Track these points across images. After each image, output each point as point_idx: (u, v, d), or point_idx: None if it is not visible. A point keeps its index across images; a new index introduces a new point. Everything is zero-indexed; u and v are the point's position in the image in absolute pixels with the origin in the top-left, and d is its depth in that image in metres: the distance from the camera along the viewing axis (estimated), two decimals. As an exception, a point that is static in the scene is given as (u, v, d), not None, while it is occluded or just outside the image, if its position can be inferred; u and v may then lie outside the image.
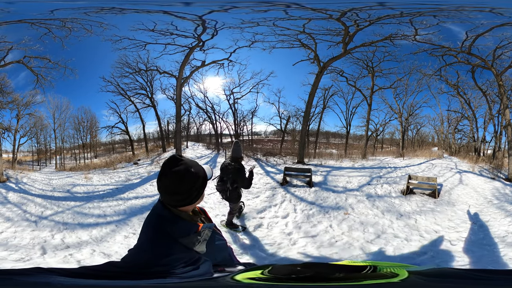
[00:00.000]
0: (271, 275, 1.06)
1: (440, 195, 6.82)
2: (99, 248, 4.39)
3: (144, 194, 7.10)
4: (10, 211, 5.85)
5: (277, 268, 1.14)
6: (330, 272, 1.10)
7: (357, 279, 1.01)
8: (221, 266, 1.41)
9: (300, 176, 7.85)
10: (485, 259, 4.00)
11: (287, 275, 1.06)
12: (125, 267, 1.14)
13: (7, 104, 8.69)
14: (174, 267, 1.11)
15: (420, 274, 1.04)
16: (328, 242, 4.61)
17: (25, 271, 1.01)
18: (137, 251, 1.22)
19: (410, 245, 4.50)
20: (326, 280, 1.00)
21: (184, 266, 1.13)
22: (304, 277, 1.01)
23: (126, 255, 1.22)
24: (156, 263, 1.12)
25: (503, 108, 8.33)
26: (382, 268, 1.10)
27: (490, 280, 1.05)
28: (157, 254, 1.14)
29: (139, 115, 10.76)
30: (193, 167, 1.28)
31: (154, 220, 1.27)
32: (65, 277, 0.99)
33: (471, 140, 10.35)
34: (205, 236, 1.29)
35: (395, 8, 6.88)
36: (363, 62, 10.15)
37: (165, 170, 1.24)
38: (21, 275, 0.99)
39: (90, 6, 6.78)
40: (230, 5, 6.44)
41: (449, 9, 6.79)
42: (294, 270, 1.07)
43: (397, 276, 1.00)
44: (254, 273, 1.10)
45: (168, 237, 1.19)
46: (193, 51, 9.13)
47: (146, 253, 1.17)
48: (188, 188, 1.25)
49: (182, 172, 1.23)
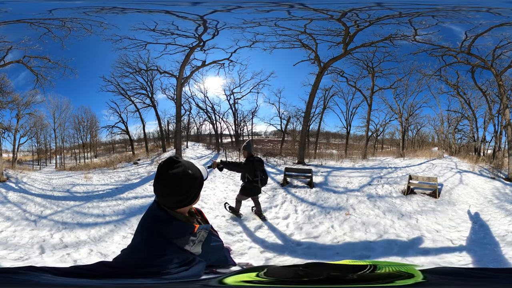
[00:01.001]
0: (266, 277, 1.05)
1: (441, 195, 6.82)
2: (96, 248, 4.39)
3: (144, 194, 7.09)
4: (10, 210, 5.83)
5: (273, 269, 1.14)
6: (327, 272, 1.09)
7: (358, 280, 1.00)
8: (215, 267, 1.40)
9: (301, 176, 7.83)
10: (486, 258, 4.01)
11: (283, 277, 1.06)
12: (116, 267, 1.13)
13: (7, 103, 8.68)
14: (166, 268, 1.10)
15: (423, 273, 1.04)
16: (331, 243, 4.59)
17: (18, 270, 1.02)
18: (131, 251, 1.22)
19: (412, 244, 4.49)
20: (325, 281, 0.99)
21: (176, 267, 1.13)
22: (300, 279, 1.00)
23: (119, 255, 1.22)
24: (150, 263, 1.11)
25: (503, 108, 8.34)
26: (383, 267, 1.09)
27: (492, 278, 1.06)
28: (151, 254, 1.14)
29: (139, 115, 10.76)
30: (191, 169, 1.28)
31: (150, 221, 1.27)
32: (56, 276, 0.99)
33: (471, 140, 10.36)
34: (201, 237, 1.29)
35: (394, 9, 6.92)
36: (363, 62, 10.17)
37: (163, 172, 1.23)
38: (14, 274, 1.00)
39: (90, 6, 6.78)
40: (235, 5, 6.45)
41: (445, 9, 6.82)
42: (290, 272, 1.07)
43: (400, 275, 0.99)
44: (248, 275, 1.09)
45: (163, 238, 1.18)
46: (193, 51, 9.13)
47: (139, 253, 1.17)
48: (186, 190, 1.25)
49: (180, 175, 1.23)
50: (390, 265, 1.13)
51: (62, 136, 10.14)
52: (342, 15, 7.33)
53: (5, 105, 8.68)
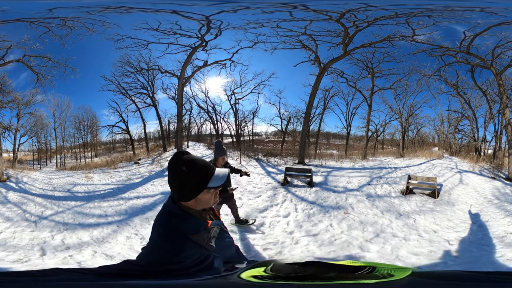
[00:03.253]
0: (273, 272, 1.09)
1: (440, 195, 6.84)
2: (100, 249, 4.30)
3: (145, 194, 7.10)
4: (10, 210, 5.83)
5: (278, 265, 1.17)
6: (329, 270, 1.11)
7: (356, 279, 1.02)
8: (230, 263, 1.42)
9: (301, 176, 7.87)
10: (483, 259, 4.01)
11: (288, 273, 1.09)
12: (141, 265, 1.15)
13: (7, 103, 8.68)
14: (187, 264, 1.12)
15: (419, 276, 1.06)
16: (328, 241, 4.64)
17: (46, 272, 1.02)
18: (151, 248, 1.23)
19: (408, 244, 4.52)
20: (325, 278, 1.02)
21: (196, 263, 1.15)
22: (304, 276, 1.02)
23: (141, 253, 1.24)
24: (170, 260, 1.13)
25: (503, 107, 8.35)
26: (381, 270, 1.11)
27: (492, 282, 1.06)
28: (170, 251, 1.16)
29: (140, 114, 10.77)
30: (199, 160, 1.30)
31: (165, 217, 1.28)
32: (88, 278, 1.00)
33: (471, 140, 10.37)
34: (214, 233, 1.30)
35: (389, 9, 6.94)
36: (363, 63, 10.19)
37: (171, 164, 1.26)
38: (43, 277, 1.00)
39: (94, 5, 6.77)
40: (244, 5, 6.46)
41: (438, 9, 6.83)
42: (294, 268, 1.10)
43: (397, 276, 1.01)
44: (257, 270, 1.12)
45: (180, 234, 1.20)
46: (195, 51, 9.13)
47: (158, 251, 1.19)
48: (179, 181, 1.26)
49: (188, 164, 1.25)
50: (388, 268, 1.14)
51: (63, 136, 10.16)
52: (340, 16, 7.34)
53: (5, 105, 8.69)
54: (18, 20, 7.29)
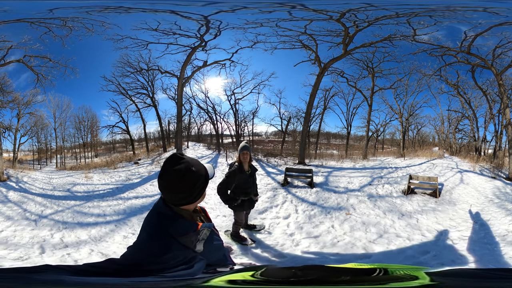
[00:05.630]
0: (263, 277, 1.04)
1: (441, 195, 6.81)
2: (97, 248, 4.38)
3: (144, 194, 7.09)
4: (11, 210, 5.83)
5: (271, 270, 1.12)
6: (330, 275, 1.06)
7: (366, 282, 0.98)
8: (214, 266, 1.40)
9: (301, 176, 7.83)
10: (486, 257, 4.00)
11: (283, 277, 1.04)
12: (124, 264, 1.14)
13: (7, 103, 8.68)
14: (169, 265, 1.11)
15: (435, 275, 1.03)
16: (331, 243, 4.59)
17: (35, 269, 1.01)
18: (137, 248, 1.22)
19: (412, 244, 4.49)
20: (326, 283, 0.96)
21: (178, 265, 1.13)
22: (298, 281, 0.97)
23: (126, 252, 1.22)
24: (154, 261, 1.12)
25: (503, 107, 8.34)
26: (394, 271, 1.06)
27: (506, 279, 1.04)
28: (155, 251, 1.14)
29: (140, 114, 10.75)
30: (194, 165, 1.28)
31: (155, 218, 1.27)
32: (72, 275, 1.00)
33: (471, 140, 10.35)
34: (204, 235, 1.29)
35: (389, 9, 6.94)
36: (363, 63, 10.17)
37: (166, 168, 1.24)
38: (31, 273, 1.00)
39: (93, 5, 6.78)
40: (241, 5, 6.46)
41: (440, 9, 6.83)
42: (288, 273, 1.04)
43: (415, 278, 0.98)
44: (242, 275, 1.08)
45: (167, 235, 1.19)
46: (195, 51, 9.14)
47: (145, 251, 1.18)
48: (189, 187, 1.25)
49: (183, 171, 1.23)
50: (400, 268, 1.10)
51: (63, 136, 10.14)
52: (341, 16, 7.34)
53: (5, 105, 8.69)
54: (19, 20, 7.31)
